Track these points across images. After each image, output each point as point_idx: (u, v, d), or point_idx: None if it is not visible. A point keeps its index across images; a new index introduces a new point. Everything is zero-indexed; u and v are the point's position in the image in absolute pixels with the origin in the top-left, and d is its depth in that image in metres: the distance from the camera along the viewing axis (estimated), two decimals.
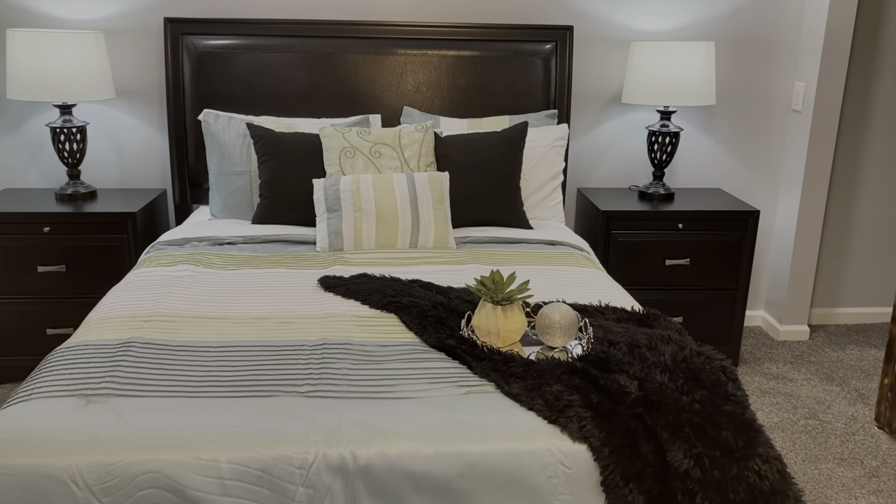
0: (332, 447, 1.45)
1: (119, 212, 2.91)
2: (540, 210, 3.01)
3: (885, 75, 3.46)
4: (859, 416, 2.90)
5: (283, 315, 1.99)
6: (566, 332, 1.81)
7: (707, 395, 1.59)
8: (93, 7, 3.12)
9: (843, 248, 3.70)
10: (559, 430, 1.50)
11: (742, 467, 1.47)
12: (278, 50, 3.11)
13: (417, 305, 1.98)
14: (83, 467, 1.41)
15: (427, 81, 3.18)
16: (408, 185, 2.59)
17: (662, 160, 3.27)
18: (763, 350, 3.48)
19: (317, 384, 1.64)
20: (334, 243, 2.53)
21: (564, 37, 3.21)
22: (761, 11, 3.33)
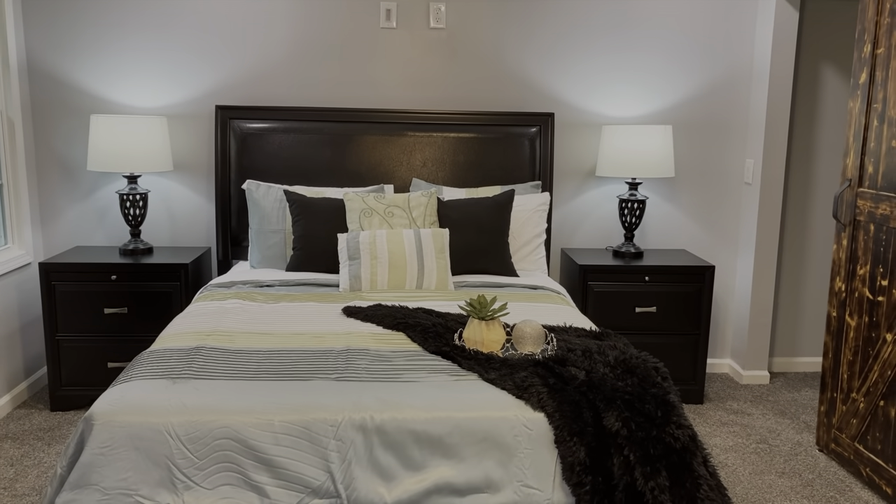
0: (356, 412, 1.97)
1: (174, 263, 3.49)
2: (526, 263, 3.57)
3: (823, 150, 4.05)
4: (804, 442, 3.35)
5: (315, 332, 2.53)
6: (535, 342, 2.34)
7: (637, 381, 2.10)
8: (158, 96, 3.80)
9: (798, 303, 4.21)
10: (524, 403, 2.02)
11: (660, 431, 1.97)
12: (308, 132, 3.76)
13: (421, 325, 2.52)
14: (175, 424, 1.93)
15: (432, 158, 3.80)
16: (415, 239, 3.16)
17: (632, 223, 3.85)
18: (727, 391, 3.95)
19: (343, 373, 2.17)
20: (354, 285, 3.09)
21: (547, 121, 3.84)
22: (713, 100, 3.97)
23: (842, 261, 3.10)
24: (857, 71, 3.01)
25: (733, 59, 3.94)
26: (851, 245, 3.04)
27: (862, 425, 2.96)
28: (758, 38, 3.90)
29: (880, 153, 2.88)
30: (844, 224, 3.08)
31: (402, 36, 3.83)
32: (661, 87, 3.94)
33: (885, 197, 2.84)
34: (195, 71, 3.79)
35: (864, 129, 2.97)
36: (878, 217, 2.87)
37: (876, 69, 2.91)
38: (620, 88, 3.92)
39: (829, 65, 3.99)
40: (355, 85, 3.85)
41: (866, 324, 2.95)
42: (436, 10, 3.80)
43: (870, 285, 2.93)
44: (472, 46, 3.85)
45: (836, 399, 3.13)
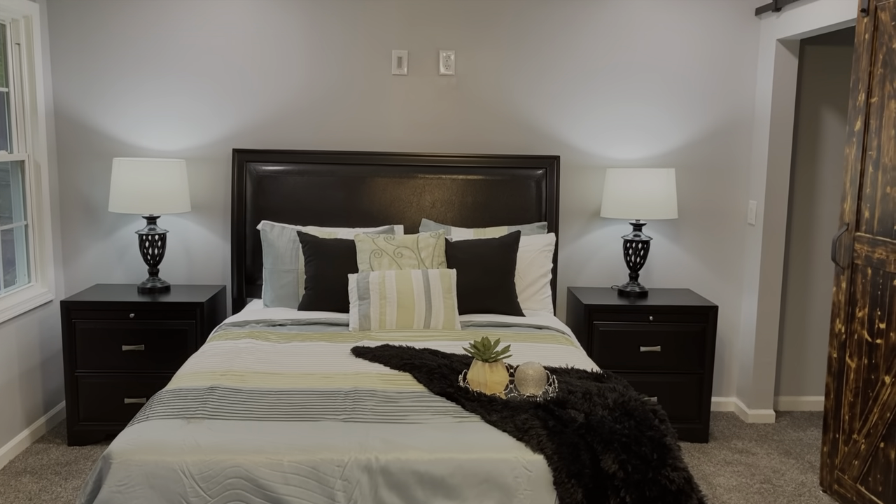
0: (362, 453, 2.05)
1: (190, 301, 3.60)
2: (532, 302, 3.66)
3: (825, 193, 4.13)
4: (808, 483, 3.38)
5: (324, 372, 2.62)
6: (537, 384, 2.42)
7: (635, 424, 2.17)
8: (178, 140, 3.95)
9: (803, 342, 4.25)
10: (524, 445, 2.09)
11: (656, 473, 2.03)
12: (322, 174, 3.88)
13: (427, 366, 2.60)
14: (189, 463, 2.02)
15: (441, 199, 3.92)
16: (423, 279, 3.26)
17: (637, 263, 3.92)
18: (732, 430, 3.98)
19: (351, 414, 2.25)
20: (363, 324, 3.19)
21: (553, 164, 3.95)
22: (715, 143, 4.07)
23: (841, 303, 3.16)
24: (853, 119, 3.10)
25: (735, 103, 4.04)
26: (850, 288, 3.10)
27: (863, 467, 2.99)
28: (759, 83, 4.01)
29: (876, 199, 2.95)
30: (843, 267, 3.14)
31: (413, 82, 3.97)
32: (664, 131, 4.04)
33: (881, 241, 2.91)
34: (213, 116, 3.94)
35: (860, 175, 3.05)
36: (875, 261, 2.94)
37: (870, 117, 3.00)
38: (624, 132, 4.03)
39: (830, 109, 4.08)
40: (367, 129, 3.98)
41: (866, 366, 3.00)
42: (445, 57, 3.94)
43: (868, 328, 2.99)
44: (481, 92, 3.98)
45: (839, 440, 3.16)
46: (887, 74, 2.89)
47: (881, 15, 2.92)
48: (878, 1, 2.93)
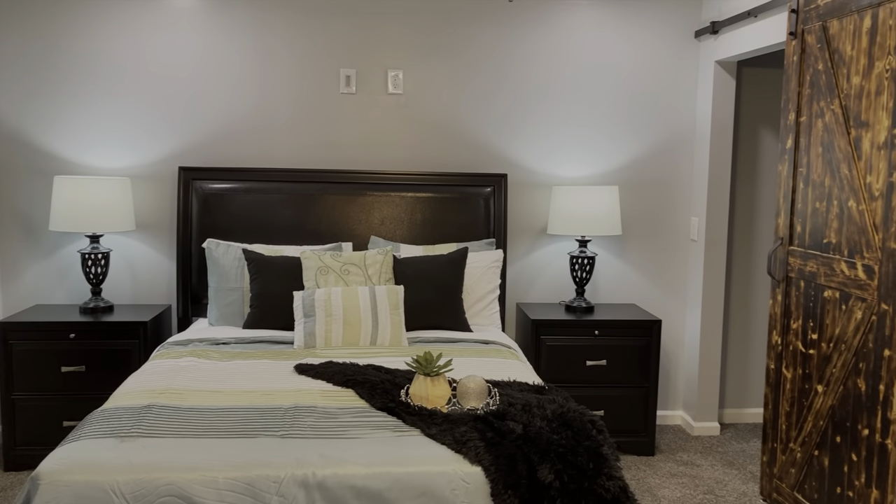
0: (299, 469, 2.04)
1: (133, 321, 3.55)
2: (480, 318, 3.68)
3: (764, 209, 4.25)
4: (749, 492, 3.45)
5: (265, 389, 2.60)
6: (478, 397, 2.44)
7: (572, 434, 2.20)
8: (123, 158, 3.90)
9: (746, 355, 4.35)
10: (462, 457, 2.10)
11: (592, 483, 2.06)
12: (269, 192, 3.87)
13: (369, 381, 2.60)
14: (121, 482, 1.98)
15: (390, 216, 3.93)
16: (370, 296, 3.26)
17: (583, 279, 3.98)
18: (678, 443, 4.04)
19: (289, 430, 2.24)
20: (309, 342, 3.17)
21: (500, 182, 4.00)
22: (658, 161, 4.17)
23: (777, 315, 3.25)
24: (784, 137, 3.21)
25: (676, 122, 4.15)
26: (785, 300, 3.20)
27: (800, 474, 3.07)
28: (699, 103, 4.13)
29: (807, 214, 3.06)
30: (778, 280, 3.24)
31: (362, 101, 3.99)
32: (608, 150, 4.13)
33: (812, 255, 3.01)
34: (159, 134, 3.91)
35: (791, 192, 3.16)
36: (807, 274, 3.04)
37: (800, 136, 3.11)
38: (570, 151, 4.11)
39: (766, 128, 4.22)
40: (316, 147, 3.99)
41: (800, 376, 3.08)
42: (393, 76, 3.98)
43: (802, 338, 3.08)
44: (429, 111, 4.03)
45: (777, 449, 3.24)
46: (814, 94, 3.00)
47: (808, 38, 3.04)
48: (805, 25, 3.05)
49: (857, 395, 2.73)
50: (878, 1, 2.61)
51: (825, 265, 2.91)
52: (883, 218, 2.60)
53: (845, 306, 2.80)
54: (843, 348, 2.80)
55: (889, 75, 2.57)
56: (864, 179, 2.70)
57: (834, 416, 2.86)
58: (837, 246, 2.85)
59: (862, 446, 2.70)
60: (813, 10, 2.99)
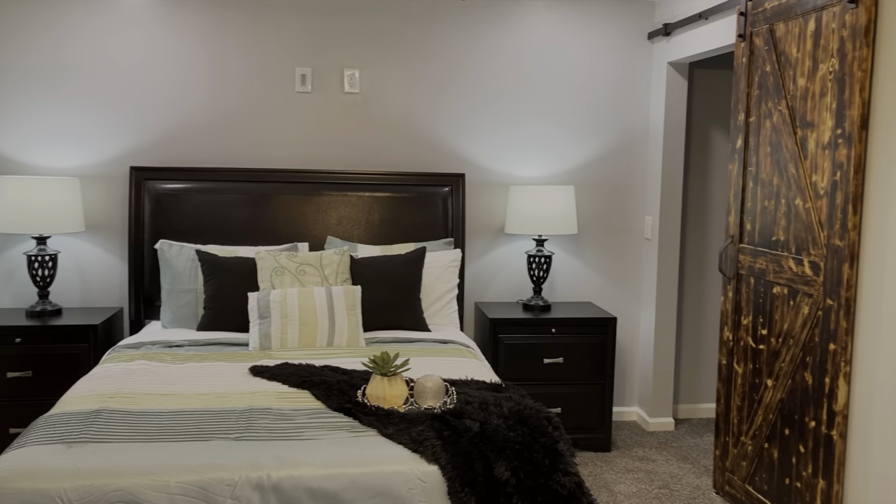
0: (253, 471, 2.01)
1: (83, 324, 3.46)
2: (438, 317, 3.68)
3: (716, 208, 4.34)
4: (702, 486, 3.51)
5: (219, 392, 2.56)
6: (436, 396, 2.43)
7: (528, 431, 2.21)
8: (71, 158, 3.80)
9: (699, 351, 4.43)
10: (419, 456, 2.10)
11: (547, 479, 2.07)
12: (224, 192, 3.82)
13: (325, 382, 2.58)
14: (68, 489, 1.93)
15: (347, 216, 3.91)
16: (326, 297, 3.24)
17: (540, 278, 4.02)
18: (634, 438, 4.10)
19: (244, 433, 2.21)
20: (264, 343, 3.13)
21: (458, 182, 4.01)
22: (613, 161, 4.22)
23: (728, 312, 3.32)
24: (734, 137, 3.28)
25: (630, 123, 4.21)
26: (736, 297, 3.27)
27: (751, 467, 3.14)
28: (652, 104, 4.19)
29: (756, 212, 3.13)
30: (729, 277, 3.31)
31: (318, 100, 3.96)
32: (564, 150, 4.17)
33: (761, 252, 3.08)
34: (109, 133, 3.82)
35: (742, 190, 3.23)
36: (757, 271, 3.11)
37: (749, 136, 3.18)
38: (526, 151, 4.14)
39: (717, 128, 4.31)
40: (272, 146, 3.94)
41: (751, 370, 3.16)
42: (350, 75, 3.96)
43: (753, 334, 3.15)
44: (386, 110, 4.01)
45: (729, 443, 3.31)
46: (763, 95, 3.08)
47: (756, 40, 3.11)
48: (753, 27, 3.13)
49: (805, 388, 2.80)
50: (821, 5, 2.69)
51: (774, 262, 2.98)
52: (828, 216, 2.67)
53: (793, 302, 2.87)
54: (792, 343, 2.87)
55: (832, 77, 2.65)
56: (810, 178, 2.78)
57: (783, 410, 2.93)
58: (785, 243, 2.92)
59: (809, 438, 2.77)
60: (760, 13, 3.06)
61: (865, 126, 2.52)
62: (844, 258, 2.59)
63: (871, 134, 2.51)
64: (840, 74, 2.60)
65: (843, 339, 2.60)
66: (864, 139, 2.53)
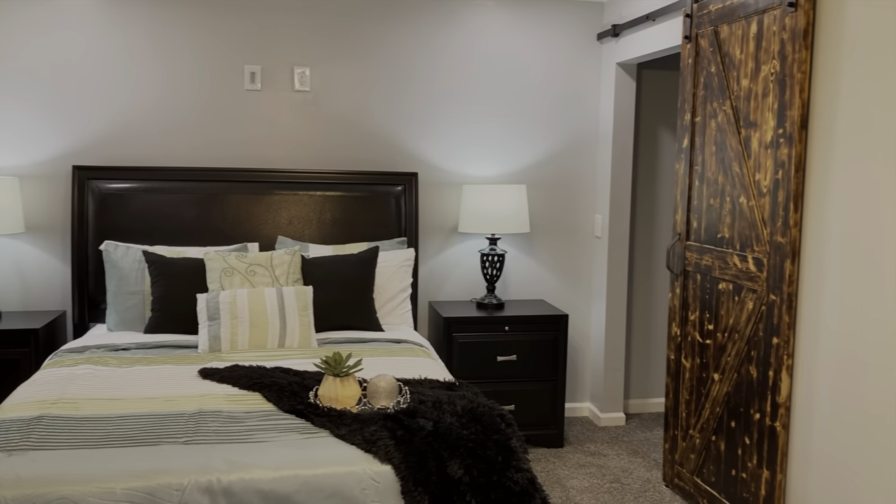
0: (203, 475, 1.97)
1: (23, 328, 3.35)
2: (392, 317, 3.67)
3: (664, 206, 4.43)
4: (652, 479, 3.58)
5: (167, 395, 2.51)
6: (389, 396, 2.43)
7: (481, 429, 2.22)
8: (10, 157, 3.68)
9: (648, 347, 4.52)
10: (372, 456, 2.09)
11: (500, 476, 2.08)
12: (172, 191, 3.74)
13: (277, 384, 2.55)
14: (9, 498, 1.87)
15: (298, 216, 3.87)
16: (277, 297, 3.20)
17: (493, 276, 4.04)
18: (586, 434, 4.16)
19: (193, 436, 2.17)
20: (214, 345, 3.08)
21: (411, 181, 4.00)
22: (564, 160, 4.27)
23: (676, 308, 3.39)
24: (681, 136, 3.35)
25: (581, 123, 4.26)
26: (683, 293, 3.34)
27: (699, 460, 3.21)
28: (601, 104, 4.25)
29: (702, 210, 3.20)
30: (676, 274, 3.37)
31: (267, 98, 3.91)
32: (516, 149, 4.20)
33: (707, 249, 3.15)
34: (51, 132, 3.71)
35: (688, 189, 3.30)
36: (703, 267, 3.18)
37: (695, 135, 3.25)
38: (479, 150, 4.15)
39: (665, 128, 4.39)
40: (220, 145, 3.88)
41: (698, 365, 3.23)
42: (300, 73, 3.92)
43: (699, 329, 3.22)
44: (337, 109, 3.98)
45: (678, 436, 3.37)
46: (708, 96, 3.15)
47: (701, 42, 3.18)
48: (699, 29, 3.19)
49: (750, 381, 2.88)
50: (762, 8, 2.76)
51: (719, 259, 3.06)
52: (770, 213, 2.75)
53: (738, 297, 2.94)
54: (737, 337, 2.94)
55: (774, 78, 2.72)
56: (754, 177, 2.85)
57: (729, 403, 3.00)
58: (730, 240, 2.99)
59: (754, 430, 2.85)
60: (705, 15, 3.13)
61: (805, 126, 2.60)
62: (786, 254, 2.66)
63: (811, 134, 2.59)
64: (781, 76, 2.67)
65: (785, 333, 2.68)
66: (804, 139, 2.61)
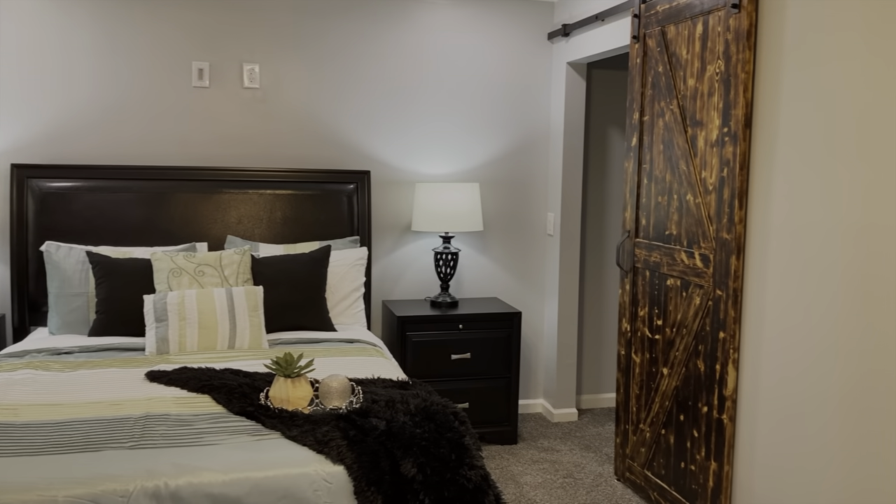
0: (149, 480, 1.93)
1: None
2: (345, 317, 3.64)
3: (614, 204, 4.49)
4: (604, 473, 3.63)
5: (112, 400, 2.44)
6: (341, 396, 2.41)
7: (435, 428, 2.22)
8: None
9: (600, 343, 4.58)
10: (324, 457, 2.07)
11: (454, 474, 2.08)
12: (116, 191, 3.64)
13: (227, 386, 2.51)
14: None
15: (248, 215, 3.81)
16: (226, 298, 3.14)
17: (447, 274, 4.04)
18: (540, 430, 4.19)
19: (139, 441, 2.11)
20: (161, 348, 3.01)
21: (363, 179, 3.98)
22: (516, 159, 4.29)
23: (626, 304, 3.44)
24: (630, 135, 3.40)
25: (532, 121, 4.30)
26: (633, 290, 3.39)
27: (649, 453, 3.26)
28: (552, 103, 4.29)
29: (650, 207, 3.26)
30: (626, 271, 3.43)
31: (216, 95, 3.84)
32: (470, 147, 4.21)
33: (656, 246, 3.21)
34: None
35: (637, 187, 3.35)
36: (652, 264, 3.23)
37: (644, 134, 3.30)
38: (432, 148, 4.15)
39: (614, 127, 4.46)
40: (167, 143, 3.79)
41: (648, 360, 3.28)
42: (249, 70, 3.86)
43: (649, 325, 3.27)
44: (288, 106, 3.93)
45: (629, 431, 3.43)
46: (656, 95, 3.20)
47: (649, 42, 3.23)
48: (646, 29, 3.25)
49: (698, 375, 2.94)
50: (707, 9, 2.82)
51: (667, 255, 3.11)
52: (716, 210, 2.81)
53: (686, 293, 3.00)
54: (685, 332, 3.00)
55: (719, 78, 2.78)
56: (700, 175, 2.91)
57: (678, 396, 3.06)
58: (678, 237, 3.05)
59: (702, 423, 2.91)
60: (653, 15, 3.18)
61: (749, 125, 2.67)
62: (732, 250, 2.73)
63: (755, 132, 2.66)
64: (726, 75, 2.73)
65: (731, 328, 2.74)
66: (749, 137, 2.67)
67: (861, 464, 2.23)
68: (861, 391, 2.23)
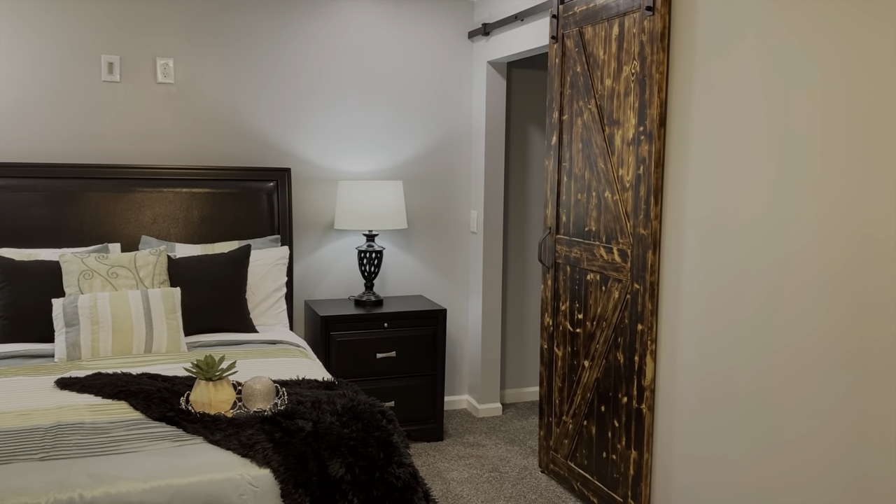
0: (63, 493, 1.84)
1: None
2: (266, 318, 3.57)
3: (535, 202, 4.57)
4: (529, 466, 3.69)
5: (20, 409, 2.31)
6: (265, 398, 2.36)
7: (362, 427, 2.21)
8: None
9: (523, 338, 4.65)
10: (249, 461, 2.02)
11: (383, 472, 2.08)
12: (20, 189, 3.45)
13: (144, 391, 2.42)
14: None
15: (163, 214, 3.68)
16: (142, 300, 3.03)
17: (371, 273, 4.02)
18: (465, 426, 4.23)
19: (50, 451, 2.01)
20: (72, 353, 2.88)
21: (283, 176, 3.91)
22: (439, 156, 4.31)
23: (548, 299, 3.51)
24: (550, 134, 3.47)
25: (455, 119, 4.32)
26: (555, 285, 3.46)
27: (572, 444, 3.34)
28: (474, 101, 4.33)
29: (570, 205, 3.33)
30: (548, 266, 3.49)
31: (127, 90, 3.69)
32: (392, 145, 4.20)
33: (576, 242, 3.28)
34: None
35: (557, 184, 3.42)
36: (573, 259, 3.31)
37: (563, 133, 3.38)
38: (354, 146, 4.12)
39: (535, 126, 4.53)
40: (75, 139, 3.62)
41: (570, 353, 3.36)
42: (163, 65, 3.73)
43: (570, 319, 3.35)
44: (204, 102, 3.82)
45: (552, 423, 3.50)
46: (574, 94, 3.27)
47: (567, 42, 3.31)
48: (565, 30, 3.32)
49: (618, 367, 3.02)
50: (623, 11, 2.91)
51: (587, 251, 3.19)
52: (633, 207, 2.90)
53: (605, 287, 3.08)
54: (605, 325, 3.09)
55: (635, 79, 2.87)
56: (617, 172, 3.00)
57: (599, 388, 3.14)
58: (597, 233, 3.13)
59: (622, 413, 3.00)
60: (571, 16, 3.25)
61: (664, 124, 2.76)
62: (648, 246, 2.82)
63: (669, 131, 2.75)
64: (641, 76, 2.82)
65: (649, 320, 2.83)
66: (663, 136, 2.77)
67: (768, 450, 2.35)
68: (767, 381, 2.35)
